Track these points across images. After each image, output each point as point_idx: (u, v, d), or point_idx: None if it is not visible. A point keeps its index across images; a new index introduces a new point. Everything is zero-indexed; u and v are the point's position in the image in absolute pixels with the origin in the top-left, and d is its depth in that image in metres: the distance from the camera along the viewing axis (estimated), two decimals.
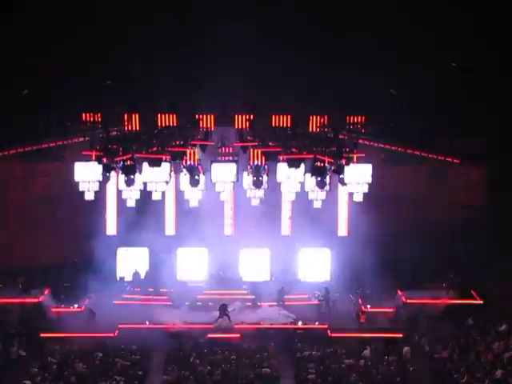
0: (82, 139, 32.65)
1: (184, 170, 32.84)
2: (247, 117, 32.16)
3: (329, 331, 31.96)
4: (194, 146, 32.38)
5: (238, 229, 37.40)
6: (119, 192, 34.63)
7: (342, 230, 37.07)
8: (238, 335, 31.73)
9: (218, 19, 33.13)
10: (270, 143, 32.34)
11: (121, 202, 35.08)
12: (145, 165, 31.69)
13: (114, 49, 33.07)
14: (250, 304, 34.87)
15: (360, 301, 34.10)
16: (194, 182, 32.76)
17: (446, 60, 33.57)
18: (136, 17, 33.00)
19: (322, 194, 33.64)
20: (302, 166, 31.92)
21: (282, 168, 32.16)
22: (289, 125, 32.03)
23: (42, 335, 31.18)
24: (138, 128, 31.97)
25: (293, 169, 31.88)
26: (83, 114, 32.30)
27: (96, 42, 32.82)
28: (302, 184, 32.91)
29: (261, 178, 32.36)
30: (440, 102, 33.41)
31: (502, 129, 33.59)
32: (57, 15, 32.24)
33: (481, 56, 33.03)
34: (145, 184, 32.88)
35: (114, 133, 31.81)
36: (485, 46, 32.84)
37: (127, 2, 32.72)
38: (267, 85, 32.25)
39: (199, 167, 32.69)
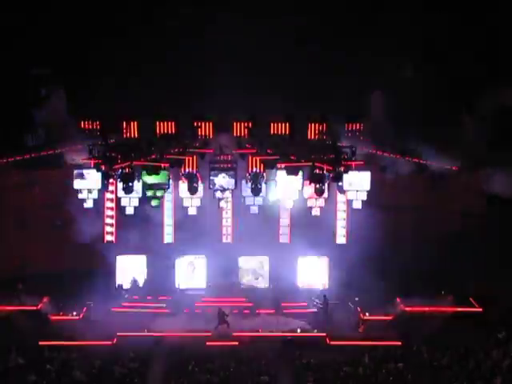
0: (80, 147, 32.73)
1: (183, 177, 32.91)
2: (246, 124, 32.26)
3: (327, 339, 31.88)
4: (193, 153, 32.42)
5: (237, 236, 37.34)
6: (118, 199, 34.67)
7: (341, 238, 36.96)
8: (237, 343, 31.66)
9: (217, 28, 33.25)
10: (269, 151, 32.36)
11: (119, 209, 35.13)
12: (143, 172, 31.75)
13: (112, 56, 33.19)
14: (248, 312, 34.84)
15: (359, 309, 34.02)
16: (193, 190, 32.83)
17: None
18: (138, 24, 33.16)
19: (320, 202, 33.67)
20: (301, 173, 31.96)
21: (281, 175, 32.19)
22: (287, 132, 32.13)
23: (40, 343, 31.09)
24: (136, 136, 32.07)
25: (292, 176, 31.94)
26: (82, 122, 32.45)
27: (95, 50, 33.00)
28: (301, 192, 32.94)
29: (259, 186, 32.38)
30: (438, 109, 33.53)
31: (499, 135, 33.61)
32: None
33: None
34: (143, 191, 32.99)
35: (113, 140, 31.88)
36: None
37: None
38: (266, 92, 32.28)
39: (198, 175, 32.71)
